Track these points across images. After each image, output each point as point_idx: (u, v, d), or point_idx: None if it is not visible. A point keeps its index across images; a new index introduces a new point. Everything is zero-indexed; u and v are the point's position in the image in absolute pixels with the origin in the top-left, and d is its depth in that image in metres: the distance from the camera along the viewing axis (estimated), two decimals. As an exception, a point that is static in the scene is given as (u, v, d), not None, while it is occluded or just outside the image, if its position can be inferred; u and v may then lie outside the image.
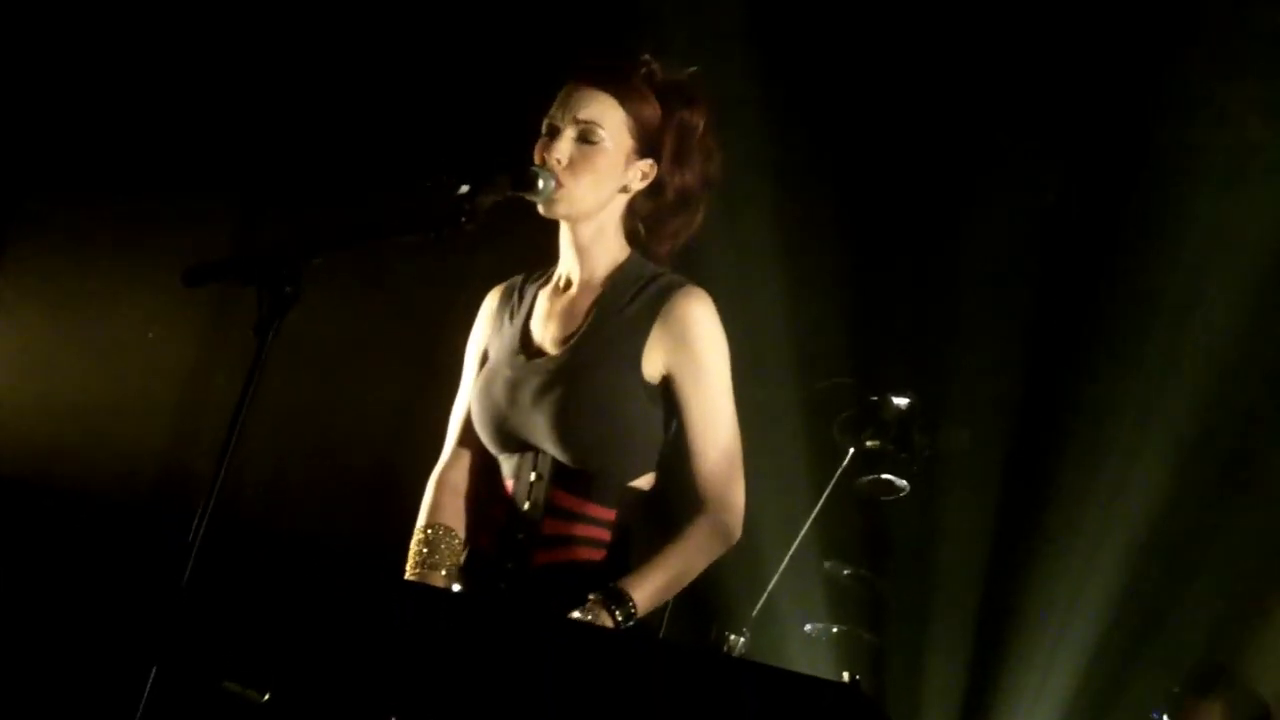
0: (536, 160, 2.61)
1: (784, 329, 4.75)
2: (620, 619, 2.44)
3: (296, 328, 2.18)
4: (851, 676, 4.00)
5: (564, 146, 2.59)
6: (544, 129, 2.63)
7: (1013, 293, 4.90)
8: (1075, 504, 4.92)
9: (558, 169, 2.58)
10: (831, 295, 4.88)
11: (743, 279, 4.57)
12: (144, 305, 4.97)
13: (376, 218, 2.46)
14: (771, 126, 4.62)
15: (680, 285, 2.63)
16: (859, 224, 4.93)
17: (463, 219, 2.42)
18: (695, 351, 2.58)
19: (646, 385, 2.60)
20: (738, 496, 2.62)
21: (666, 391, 2.61)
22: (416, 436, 3.13)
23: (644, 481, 2.63)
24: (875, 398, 4.51)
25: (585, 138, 2.59)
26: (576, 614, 2.43)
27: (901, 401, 4.47)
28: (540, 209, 2.63)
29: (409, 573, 2.67)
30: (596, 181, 2.61)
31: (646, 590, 2.49)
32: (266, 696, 1.95)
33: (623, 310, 2.62)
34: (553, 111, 2.63)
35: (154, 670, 1.95)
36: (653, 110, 2.63)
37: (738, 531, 2.61)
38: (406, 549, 2.69)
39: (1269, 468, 4.73)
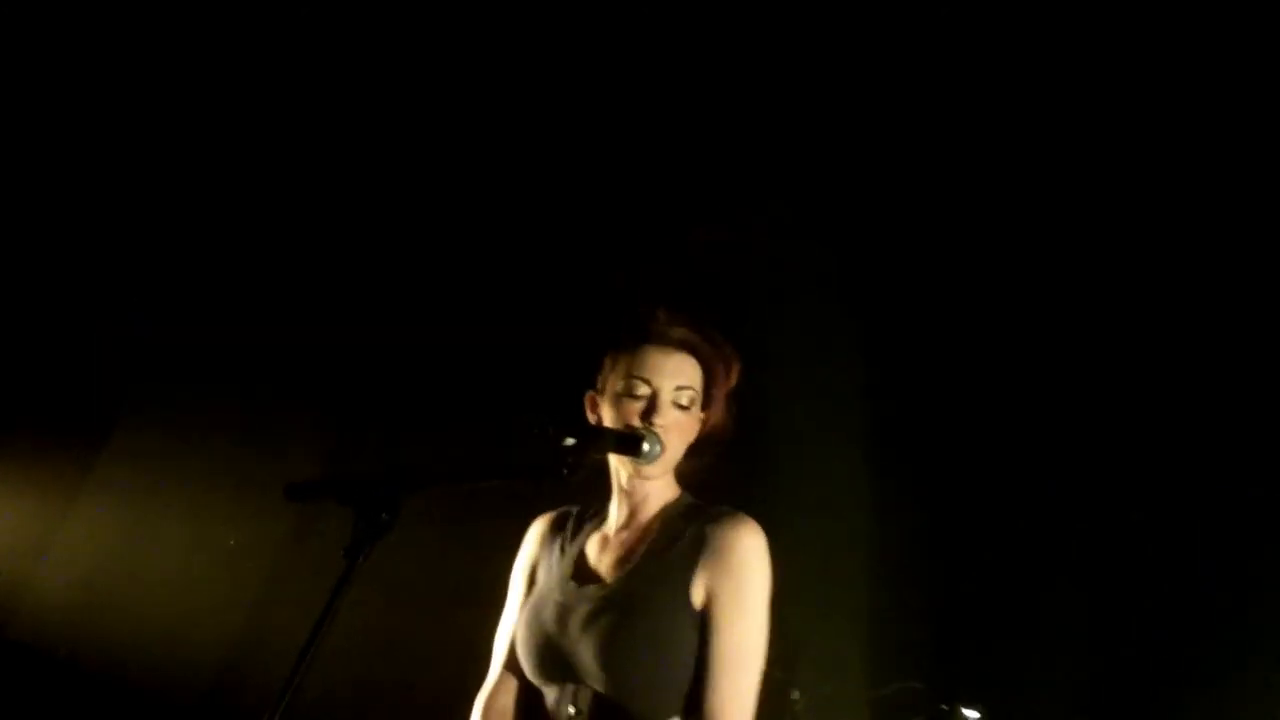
0: (632, 420, 2.66)
1: (861, 622, 4.69)
2: None
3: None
4: None
5: (669, 414, 2.66)
6: (625, 389, 2.68)
7: (1095, 614, 4.80)
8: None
9: (663, 434, 2.64)
10: (912, 594, 4.82)
11: (824, 562, 4.55)
12: (229, 508, 5.03)
13: (476, 458, 2.49)
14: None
15: (731, 514, 2.66)
16: (950, 523, 4.90)
17: (565, 470, 2.45)
18: (738, 578, 2.58)
19: (693, 615, 2.59)
20: None
21: (704, 617, 2.59)
22: (480, 671, 3.10)
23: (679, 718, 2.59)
24: (946, 708, 4.41)
25: (681, 404, 2.68)
26: None
27: (973, 716, 4.36)
28: (630, 465, 2.68)
29: None
30: (686, 443, 2.72)
31: None
32: None
33: (675, 543, 2.65)
34: (637, 372, 2.69)
35: None
36: (714, 365, 2.74)
37: None
38: None
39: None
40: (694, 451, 2.76)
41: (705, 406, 2.74)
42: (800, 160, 4.86)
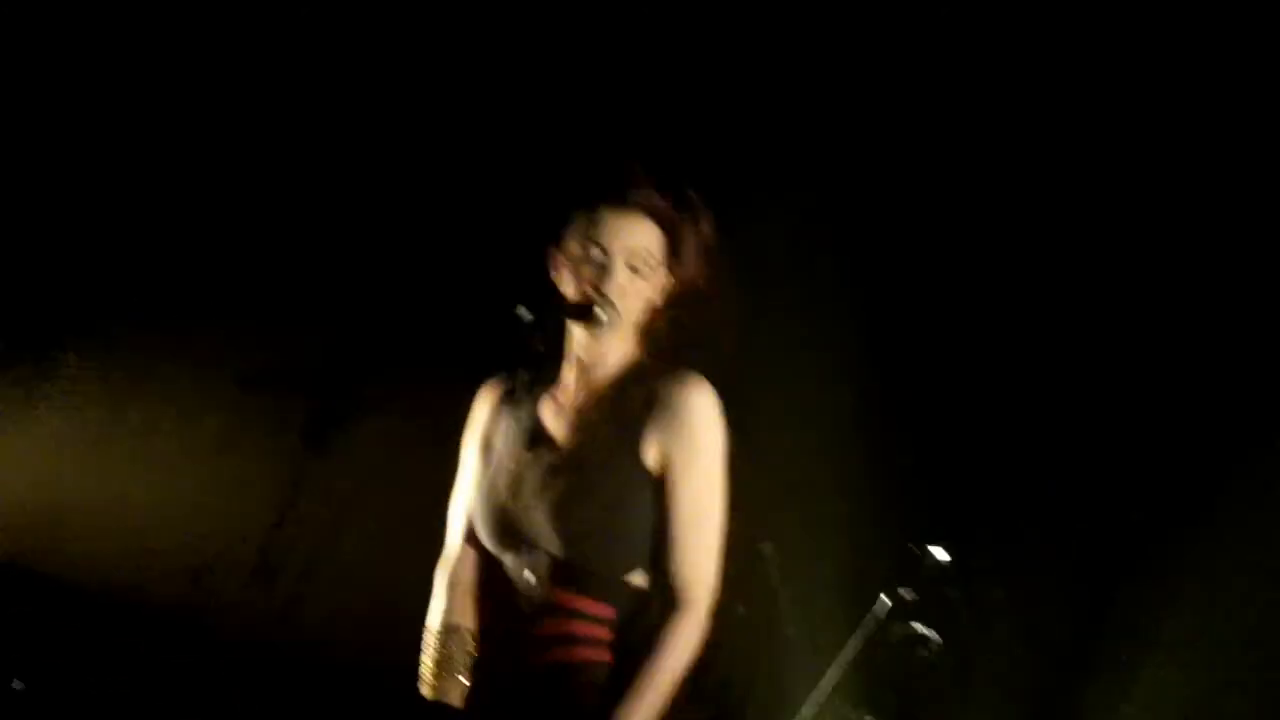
0: (584, 289, 2.65)
1: (825, 468, 4.76)
2: None
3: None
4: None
5: (620, 279, 2.64)
6: (579, 252, 2.67)
7: (1064, 459, 4.89)
8: (1114, 673, 4.85)
9: (616, 300, 2.64)
10: (875, 438, 4.89)
11: (793, 410, 4.60)
12: (187, 408, 5.01)
13: (434, 339, 2.50)
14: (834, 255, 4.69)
15: (680, 374, 2.65)
16: (911, 370, 4.96)
17: (521, 344, 2.47)
18: (690, 437, 2.60)
19: (647, 476, 2.61)
20: (713, 594, 2.62)
21: (660, 480, 2.61)
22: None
23: (640, 578, 2.63)
24: (915, 548, 4.49)
25: (635, 268, 2.66)
26: None
27: (939, 555, 4.45)
28: (585, 334, 2.69)
29: (425, 679, 2.68)
30: (642, 307, 2.70)
31: (641, 717, 2.51)
32: None
33: (627, 405, 2.65)
34: (592, 235, 2.66)
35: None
36: (679, 229, 2.70)
37: (705, 626, 2.61)
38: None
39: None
40: (673, 308, 2.73)
41: (672, 267, 2.71)
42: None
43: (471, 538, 2.76)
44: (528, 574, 2.62)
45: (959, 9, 4.84)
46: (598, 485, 2.60)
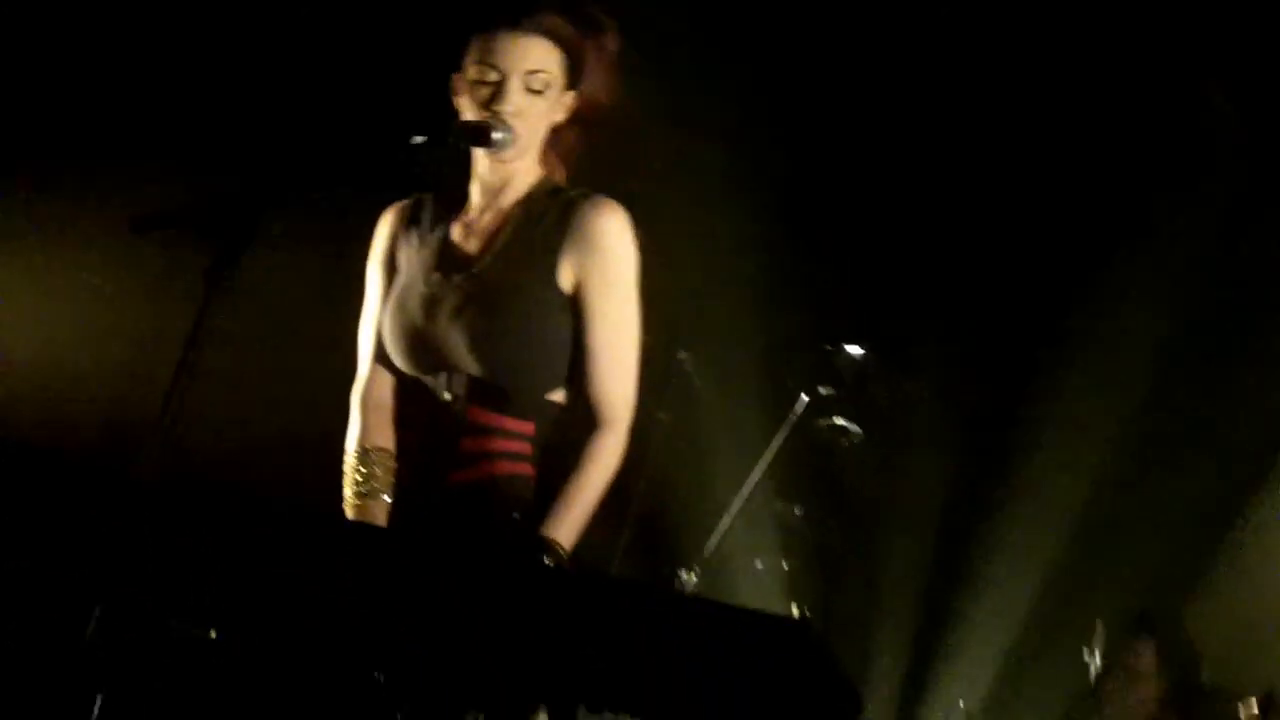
0: (482, 108, 2.61)
1: (742, 271, 4.79)
2: (553, 563, 2.48)
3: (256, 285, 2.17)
4: (802, 612, 4.06)
5: (517, 99, 2.60)
6: (477, 75, 2.62)
7: (976, 249, 4.95)
8: (1025, 457, 4.99)
9: (513, 121, 2.61)
10: (791, 240, 4.91)
11: (702, 220, 4.60)
12: (96, 261, 4.92)
13: (327, 170, 2.44)
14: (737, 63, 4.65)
15: (591, 197, 2.65)
16: (819, 170, 4.97)
17: (417, 169, 2.44)
18: (604, 260, 2.61)
19: (560, 296, 2.62)
20: (631, 411, 2.65)
21: (576, 302, 2.63)
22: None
23: (559, 395, 2.65)
24: (830, 346, 4.56)
25: (532, 87, 2.62)
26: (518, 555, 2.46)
27: (856, 351, 4.51)
28: (485, 157, 2.67)
29: (348, 502, 2.68)
30: (542, 127, 2.67)
31: (568, 530, 2.54)
32: (212, 633, 1.97)
33: (537, 226, 2.65)
34: (488, 59, 2.62)
35: (98, 610, 1.96)
36: (579, 45, 2.66)
37: (626, 442, 2.65)
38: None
39: (1213, 425, 4.81)
40: (579, 127, 2.72)
41: (573, 85, 2.67)
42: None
43: (385, 360, 2.74)
44: (446, 394, 2.62)
45: None
46: (513, 305, 2.61)
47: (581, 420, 2.64)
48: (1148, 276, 4.80)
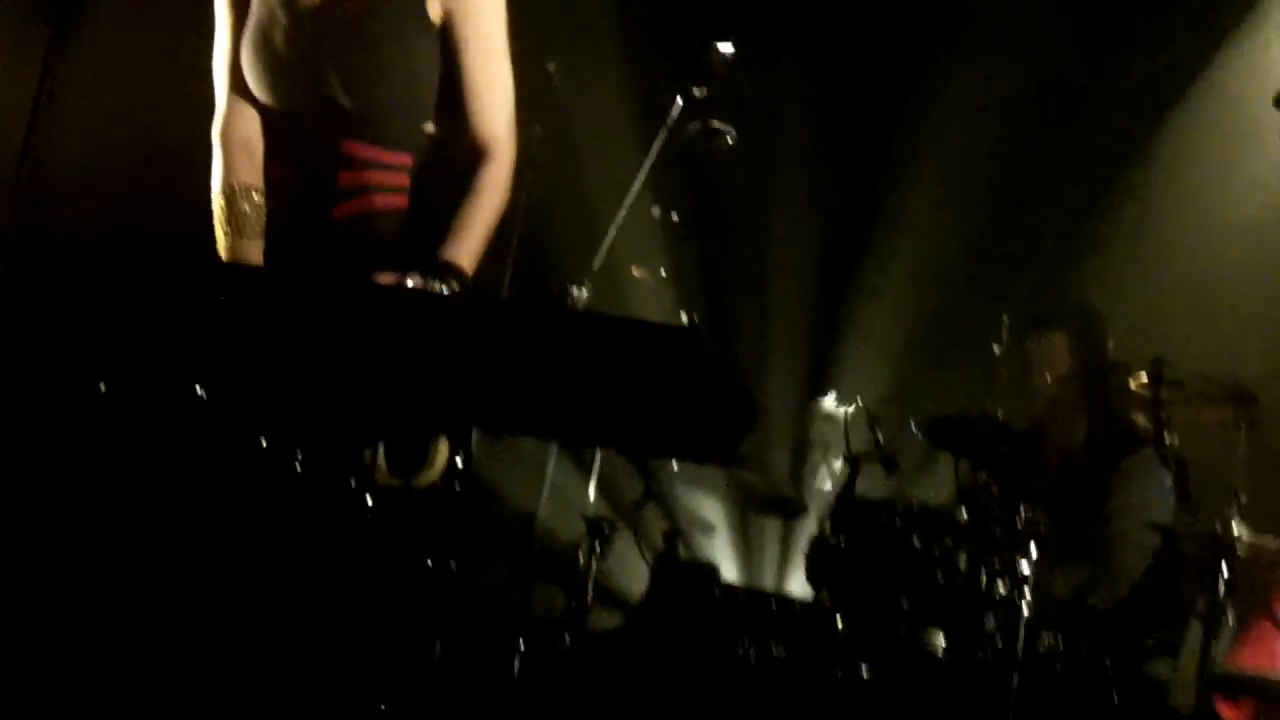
0: None
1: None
2: (455, 289, 2.46)
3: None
4: (690, 319, 4.11)
5: None
6: None
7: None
8: (912, 150, 5.02)
9: None
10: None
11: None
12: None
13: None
14: None
15: None
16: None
17: None
18: None
19: (430, 27, 2.58)
20: (513, 136, 2.65)
21: (446, 33, 2.59)
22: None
23: (432, 127, 2.62)
24: (699, 45, 4.48)
25: None
26: (411, 283, 2.42)
27: (726, 49, 4.44)
28: None
29: (223, 244, 2.61)
30: None
31: (466, 254, 2.53)
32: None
33: None
34: None
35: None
36: None
37: (512, 167, 2.65)
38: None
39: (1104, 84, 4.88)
40: None
41: None
42: None
43: (245, 93, 2.65)
44: (318, 128, 2.57)
45: None
46: (382, 34, 2.55)
47: (464, 151, 2.60)
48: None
